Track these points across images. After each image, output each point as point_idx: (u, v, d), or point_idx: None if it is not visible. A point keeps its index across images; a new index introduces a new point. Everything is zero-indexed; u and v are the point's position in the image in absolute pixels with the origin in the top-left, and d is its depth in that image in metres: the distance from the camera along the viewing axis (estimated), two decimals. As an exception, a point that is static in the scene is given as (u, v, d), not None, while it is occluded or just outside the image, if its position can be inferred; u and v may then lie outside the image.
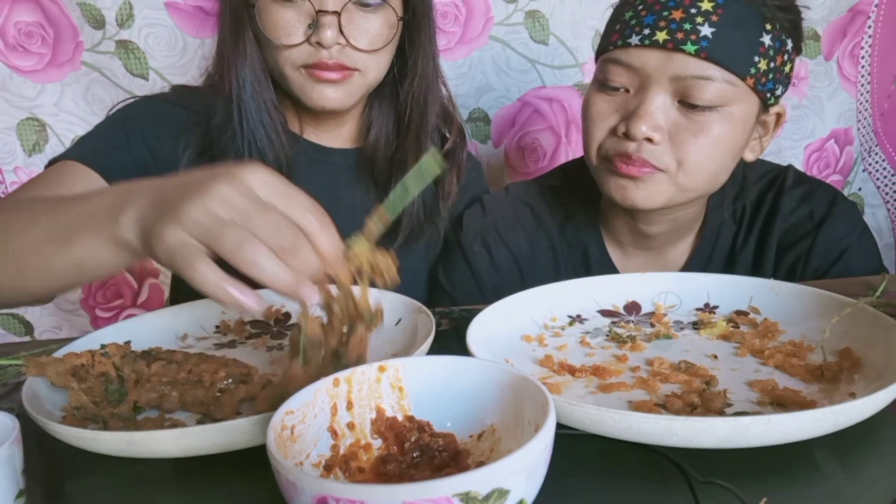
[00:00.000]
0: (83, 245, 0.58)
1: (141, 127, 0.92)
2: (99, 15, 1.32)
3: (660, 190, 0.83)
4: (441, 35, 1.40)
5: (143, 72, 1.36)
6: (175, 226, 0.48)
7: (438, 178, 1.01)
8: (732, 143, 0.83)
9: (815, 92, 1.62)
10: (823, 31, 1.57)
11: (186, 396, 0.59)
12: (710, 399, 0.56)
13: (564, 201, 1.02)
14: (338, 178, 1.00)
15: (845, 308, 0.67)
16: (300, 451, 0.46)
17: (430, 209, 1.01)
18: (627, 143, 0.82)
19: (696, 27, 0.77)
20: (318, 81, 0.87)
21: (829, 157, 1.67)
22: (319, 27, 0.84)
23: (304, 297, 0.49)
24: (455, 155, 1.03)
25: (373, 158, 1.00)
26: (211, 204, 0.48)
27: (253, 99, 0.90)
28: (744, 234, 0.96)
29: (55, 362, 0.61)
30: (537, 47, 1.48)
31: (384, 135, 1.00)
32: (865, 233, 0.95)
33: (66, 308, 1.49)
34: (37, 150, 1.38)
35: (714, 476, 0.47)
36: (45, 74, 1.35)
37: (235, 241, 0.47)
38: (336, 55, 0.86)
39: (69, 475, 0.54)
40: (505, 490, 0.38)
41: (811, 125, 1.64)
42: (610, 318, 0.78)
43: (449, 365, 0.52)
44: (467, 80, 1.49)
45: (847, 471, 0.49)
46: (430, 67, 0.96)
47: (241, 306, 0.48)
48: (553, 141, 1.55)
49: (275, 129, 0.92)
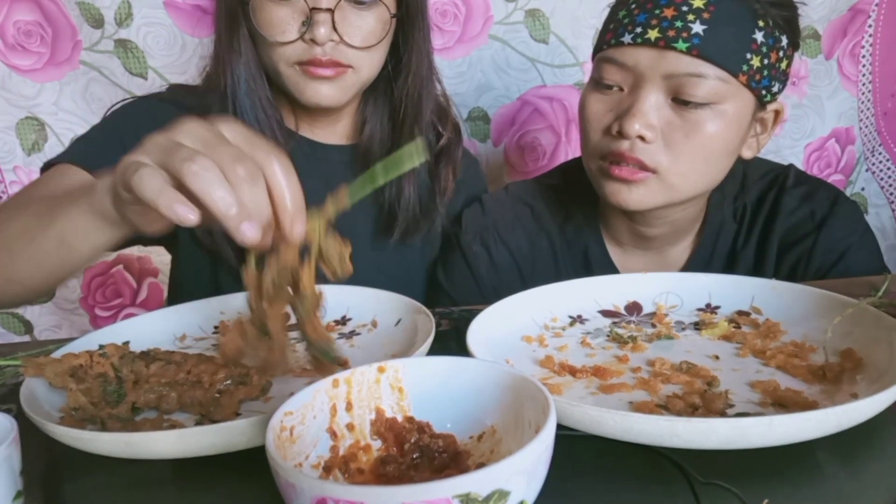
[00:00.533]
0: (65, 219, 0.60)
1: (136, 128, 0.91)
2: (98, 14, 1.31)
3: (652, 193, 0.84)
4: (440, 34, 1.41)
5: (142, 71, 1.36)
6: (137, 153, 0.50)
7: (434, 174, 1.01)
8: (727, 142, 0.83)
9: (816, 91, 1.61)
10: (824, 30, 1.57)
11: (185, 397, 0.59)
12: (712, 400, 0.56)
13: (564, 201, 1.02)
14: (333, 175, 1.00)
15: (847, 308, 0.67)
16: (299, 452, 0.46)
17: (427, 205, 1.01)
18: (621, 141, 0.82)
19: (687, 25, 0.77)
20: (312, 78, 0.88)
21: (830, 156, 1.67)
22: (313, 24, 0.84)
23: (242, 233, 0.47)
24: (450, 151, 1.03)
25: (367, 155, 1.00)
26: (174, 134, 0.50)
27: (248, 96, 0.91)
28: (745, 233, 0.96)
29: (53, 363, 0.61)
30: (537, 46, 1.48)
31: (379, 131, 1.00)
32: (867, 233, 0.95)
33: (66, 307, 1.49)
34: (36, 150, 1.38)
35: (715, 477, 0.47)
36: (44, 73, 1.34)
37: (187, 156, 0.47)
38: (330, 52, 0.86)
39: (67, 476, 0.54)
40: (505, 491, 0.37)
41: (811, 124, 1.63)
42: (611, 319, 0.77)
43: (449, 365, 0.52)
44: (467, 80, 1.48)
45: (849, 472, 0.49)
46: (423, 64, 0.97)
47: (178, 214, 0.47)
48: (553, 140, 1.55)
49: (269, 126, 0.93)
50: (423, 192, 1.01)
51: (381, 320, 0.76)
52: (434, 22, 1.39)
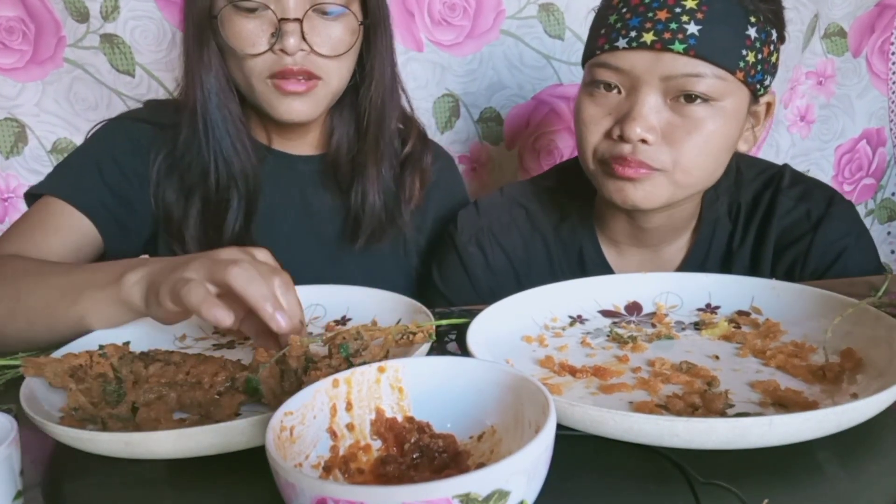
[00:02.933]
0: (89, 303, 0.69)
1: (111, 150, 0.95)
2: (83, 7, 1.25)
3: (658, 189, 0.84)
4: (449, 29, 1.36)
5: (129, 68, 1.30)
6: (184, 269, 0.61)
7: (400, 181, 1.04)
8: (726, 138, 0.83)
9: (844, 90, 1.56)
10: (850, 26, 1.51)
11: (185, 398, 0.59)
12: (712, 400, 0.56)
13: (559, 202, 1.02)
14: (305, 185, 1.03)
15: (847, 308, 0.67)
16: (299, 452, 0.46)
17: (392, 212, 1.03)
18: (622, 145, 0.82)
19: (682, 26, 0.78)
20: (284, 95, 0.89)
21: (862, 158, 1.60)
22: (283, 35, 0.85)
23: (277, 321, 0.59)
24: (416, 158, 1.05)
25: (335, 164, 1.02)
26: (215, 254, 0.64)
27: (218, 109, 0.92)
28: (740, 232, 0.96)
29: (53, 363, 0.61)
30: (552, 42, 1.41)
31: (346, 141, 1.02)
32: (863, 233, 0.95)
33: None
34: (15, 153, 1.31)
35: (715, 477, 0.47)
36: (26, 73, 1.27)
37: (230, 262, 0.60)
38: (300, 62, 0.87)
39: (67, 476, 0.54)
40: (505, 491, 0.37)
41: (840, 125, 1.57)
42: (611, 319, 0.77)
43: (449, 365, 0.52)
44: (477, 78, 1.42)
45: (849, 472, 0.49)
46: (387, 73, 0.98)
47: (216, 318, 0.58)
48: (571, 143, 1.47)
49: (241, 140, 0.94)
50: (388, 198, 1.02)
51: (381, 320, 0.76)
52: (442, 16, 1.35)
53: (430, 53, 1.38)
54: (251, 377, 0.59)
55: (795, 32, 1.47)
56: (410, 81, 1.03)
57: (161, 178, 0.95)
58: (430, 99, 1.42)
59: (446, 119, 1.44)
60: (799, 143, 1.57)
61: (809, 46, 1.52)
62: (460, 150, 1.47)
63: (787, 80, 1.51)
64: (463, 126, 1.46)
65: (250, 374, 0.59)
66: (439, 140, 1.41)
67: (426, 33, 1.37)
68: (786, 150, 1.56)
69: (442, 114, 1.44)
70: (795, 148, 1.57)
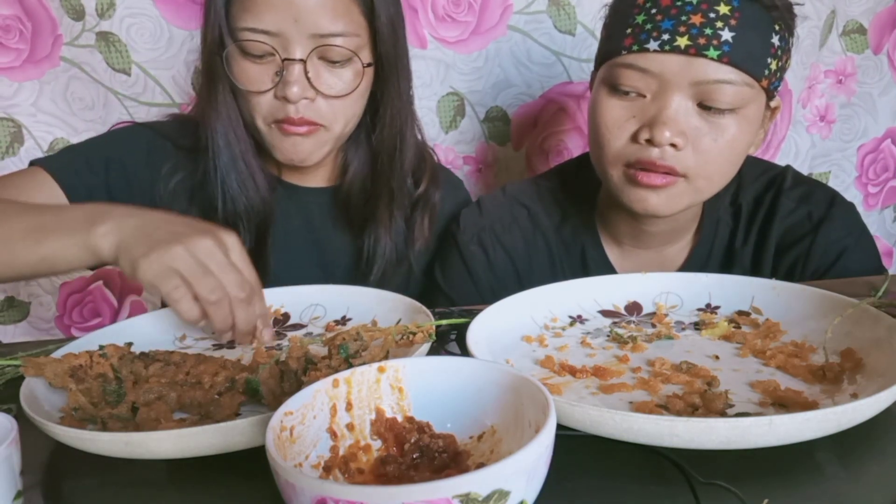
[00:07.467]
0: (54, 244, 0.70)
1: (124, 154, 0.95)
2: (78, 5, 1.23)
3: (678, 196, 0.84)
4: (453, 25, 1.32)
5: (125, 66, 1.26)
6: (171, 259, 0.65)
7: (410, 222, 1.04)
8: (745, 143, 0.84)
9: (865, 88, 1.52)
10: (869, 23, 1.48)
11: (185, 398, 0.59)
12: (712, 400, 0.56)
13: (561, 202, 1.02)
14: (314, 217, 1.03)
15: (847, 308, 0.67)
16: (299, 452, 0.46)
17: (401, 254, 1.03)
18: (651, 149, 0.81)
19: (717, 32, 0.77)
20: (286, 135, 0.90)
21: (887, 158, 1.56)
22: (286, 83, 0.86)
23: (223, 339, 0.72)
24: (427, 200, 1.05)
25: (348, 198, 1.02)
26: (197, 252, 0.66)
27: (227, 148, 0.93)
28: (742, 233, 0.96)
29: (53, 363, 0.61)
30: (562, 38, 1.35)
31: (359, 179, 1.01)
32: (864, 234, 0.96)
33: (41, 327, 1.39)
34: (10, 153, 1.29)
35: (715, 477, 0.47)
36: (23, 72, 1.25)
37: (210, 291, 0.65)
38: (302, 110, 0.88)
39: (67, 476, 0.54)
40: (505, 491, 0.37)
41: (863, 124, 1.53)
42: (611, 319, 0.77)
43: (449, 365, 0.52)
44: (483, 75, 1.36)
45: (849, 472, 0.49)
46: (400, 116, 0.97)
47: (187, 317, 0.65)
48: (580, 143, 1.42)
49: (249, 177, 0.95)
50: (399, 241, 1.02)
51: (381, 320, 0.76)
52: (446, 12, 1.31)
53: (433, 51, 1.34)
54: (251, 378, 0.59)
55: (812, 29, 1.42)
56: (414, 80, 1.01)
57: (176, 197, 0.96)
58: (435, 98, 1.38)
59: (451, 118, 1.40)
60: (819, 143, 1.53)
61: (827, 44, 1.48)
62: (465, 151, 1.44)
63: (805, 77, 1.47)
64: (468, 126, 1.42)
65: (250, 374, 0.60)
66: (444, 140, 1.40)
67: (430, 30, 1.33)
68: (805, 151, 1.52)
69: (446, 113, 1.40)
70: (816, 149, 1.53)
